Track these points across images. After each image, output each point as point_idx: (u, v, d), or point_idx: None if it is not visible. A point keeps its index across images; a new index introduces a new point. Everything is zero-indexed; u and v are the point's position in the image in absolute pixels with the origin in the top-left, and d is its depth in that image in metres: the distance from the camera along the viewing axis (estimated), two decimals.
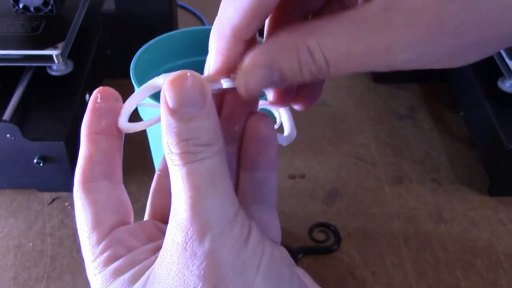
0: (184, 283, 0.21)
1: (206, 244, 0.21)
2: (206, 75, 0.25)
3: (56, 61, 0.58)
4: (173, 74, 0.22)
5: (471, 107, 0.68)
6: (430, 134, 0.72)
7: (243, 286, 0.21)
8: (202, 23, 0.90)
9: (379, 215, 0.61)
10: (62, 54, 0.58)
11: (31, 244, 0.56)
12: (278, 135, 0.27)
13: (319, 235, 0.58)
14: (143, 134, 0.54)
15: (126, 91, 0.29)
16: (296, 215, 0.59)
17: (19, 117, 0.58)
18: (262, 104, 0.28)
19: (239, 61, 0.23)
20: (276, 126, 0.25)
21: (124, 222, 0.26)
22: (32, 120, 0.59)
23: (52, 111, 0.60)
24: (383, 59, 0.21)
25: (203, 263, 0.21)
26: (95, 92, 0.26)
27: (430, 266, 0.55)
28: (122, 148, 0.27)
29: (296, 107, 0.28)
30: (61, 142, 0.56)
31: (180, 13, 0.88)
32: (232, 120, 0.27)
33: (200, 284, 0.21)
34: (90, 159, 0.26)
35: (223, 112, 0.27)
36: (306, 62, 0.21)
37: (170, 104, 0.21)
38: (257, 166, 0.27)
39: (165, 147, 0.22)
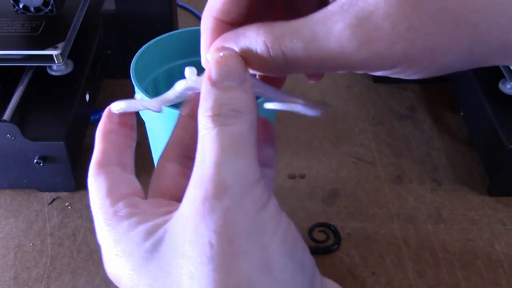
0: (200, 237, 0.21)
1: (225, 201, 0.21)
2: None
3: (56, 61, 0.58)
4: (217, 52, 0.24)
5: (471, 107, 0.68)
6: (430, 134, 0.72)
7: (258, 247, 0.21)
8: None
9: (379, 215, 0.61)
10: (62, 54, 0.58)
11: (31, 244, 0.56)
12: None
13: (319, 235, 0.58)
14: (143, 134, 0.54)
15: (126, 91, 0.30)
16: (296, 215, 0.59)
17: (19, 117, 0.58)
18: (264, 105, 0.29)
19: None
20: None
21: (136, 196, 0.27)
22: (32, 120, 0.59)
23: (52, 111, 0.60)
24: (340, 59, 0.22)
25: (220, 218, 0.21)
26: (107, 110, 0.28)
27: (430, 266, 0.55)
28: (134, 149, 0.28)
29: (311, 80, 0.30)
30: (61, 142, 0.56)
31: (180, 13, 0.88)
32: None
33: (215, 238, 0.21)
34: (103, 151, 0.27)
35: None
36: (262, 53, 0.23)
37: (214, 77, 0.23)
38: None
39: (200, 114, 0.23)
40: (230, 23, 0.26)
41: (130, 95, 0.28)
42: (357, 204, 0.62)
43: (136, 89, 0.49)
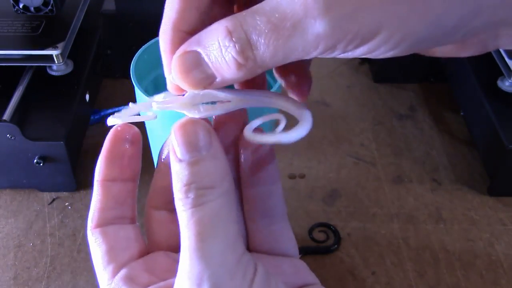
0: None
1: None
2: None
3: (56, 61, 0.58)
4: (178, 122, 0.23)
5: (471, 107, 0.68)
6: (430, 134, 0.72)
7: None
8: None
9: (379, 215, 0.61)
10: (62, 54, 0.58)
11: (31, 244, 0.56)
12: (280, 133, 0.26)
13: (319, 235, 0.58)
14: (143, 134, 0.54)
15: (126, 91, 0.29)
16: (296, 215, 0.59)
17: (19, 117, 0.58)
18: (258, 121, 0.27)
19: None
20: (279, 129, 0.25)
21: (137, 257, 0.26)
22: (32, 120, 0.59)
23: (52, 111, 0.60)
24: (305, 31, 0.20)
25: None
26: (110, 134, 0.27)
27: (430, 266, 0.55)
28: (137, 189, 0.28)
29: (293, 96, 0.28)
30: (61, 142, 0.56)
31: None
32: (225, 133, 0.27)
33: None
34: (101, 206, 0.26)
35: (214, 123, 0.27)
36: (224, 43, 0.21)
37: (178, 155, 0.22)
38: (258, 182, 0.27)
39: (174, 194, 0.22)
40: (191, 32, 0.23)
41: (130, 95, 0.28)
42: (357, 204, 0.62)
43: (136, 89, 0.49)
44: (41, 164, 0.57)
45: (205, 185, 0.22)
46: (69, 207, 0.60)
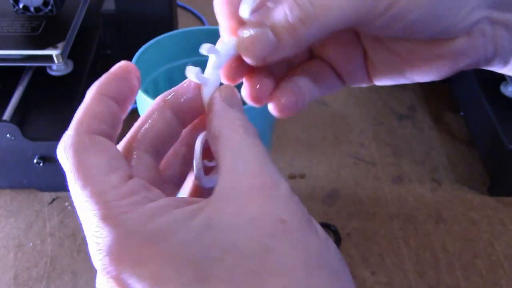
0: (268, 213, 0.21)
1: (282, 190, 0.22)
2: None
3: (56, 61, 0.58)
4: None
5: (471, 107, 0.68)
6: (430, 134, 0.72)
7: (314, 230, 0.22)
8: (202, 23, 0.90)
9: (379, 215, 0.61)
10: (62, 54, 0.58)
11: (31, 244, 0.56)
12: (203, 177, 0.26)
13: None
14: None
15: None
16: None
17: (19, 117, 0.58)
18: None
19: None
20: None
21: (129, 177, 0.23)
22: (32, 120, 0.59)
23: (52, 111, 0.60)
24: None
25: (284, 203, 0.22)
26: (121, 65, 0.26)
27: (430, 266, 0.55)
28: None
29: (273, 111, 0.28)
30: None
31: (180, 13, 0.88)
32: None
33: (287, 215, 0.21)
34: (95, 114, 0.23)
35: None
36: (292, 8, 0.24)
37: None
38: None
39: (227, 127, 0.24)
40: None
41: None
42: (357, 204, 0.62)
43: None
44: (41, 164, 0.57)
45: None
46: (69, 207, 0.60)
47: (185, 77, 0.26)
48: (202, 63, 0.27)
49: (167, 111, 0.26)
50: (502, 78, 0.64)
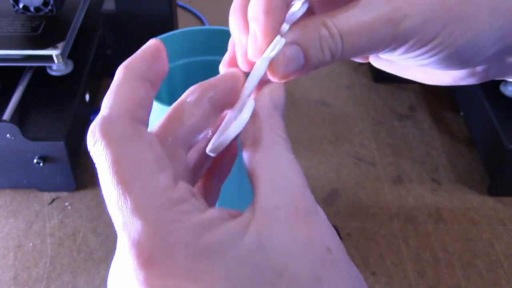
0: (316, 241, 0.21)
1: (315, 217, 0.22)
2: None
3: (56, 61, 0.58)
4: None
5: (472, 107, 0.68)
6: (430, 134, 0.72)
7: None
8: (202, 23, 0.90)
9: (379, 215, 0.61)
10: (62, 54, 0.58)
11: (31, 244, 0.56)
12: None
13: None
14: None
15: None
16: None
17: (19, 117, 0.58)
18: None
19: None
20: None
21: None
22: (32, 120, 0.59)
23: (52, 111, 0.60)
24: (387, 28, 0.24)
25: (327, 230, 0.22)
26: (152, 43, 0.23)
27: (430, 266, 0.55)
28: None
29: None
30: (61, 142, 0.56)
31: (180, 13, 0.88)
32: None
33: (332, 244, 0.21)
34: (134, 99, 0.21)
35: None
36: (325, 37, 0.24)
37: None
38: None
39: (269, 131, 0.23)
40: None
41: None
42: (357, 204, 0.62)
43: None
44: (41, 164, 0.57)
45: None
46: (69, 207, 0.60)
47: (185, 77, 0.26)
48: (202, 63, 0.27)
49: (206, 103, 0.24)
50: None
